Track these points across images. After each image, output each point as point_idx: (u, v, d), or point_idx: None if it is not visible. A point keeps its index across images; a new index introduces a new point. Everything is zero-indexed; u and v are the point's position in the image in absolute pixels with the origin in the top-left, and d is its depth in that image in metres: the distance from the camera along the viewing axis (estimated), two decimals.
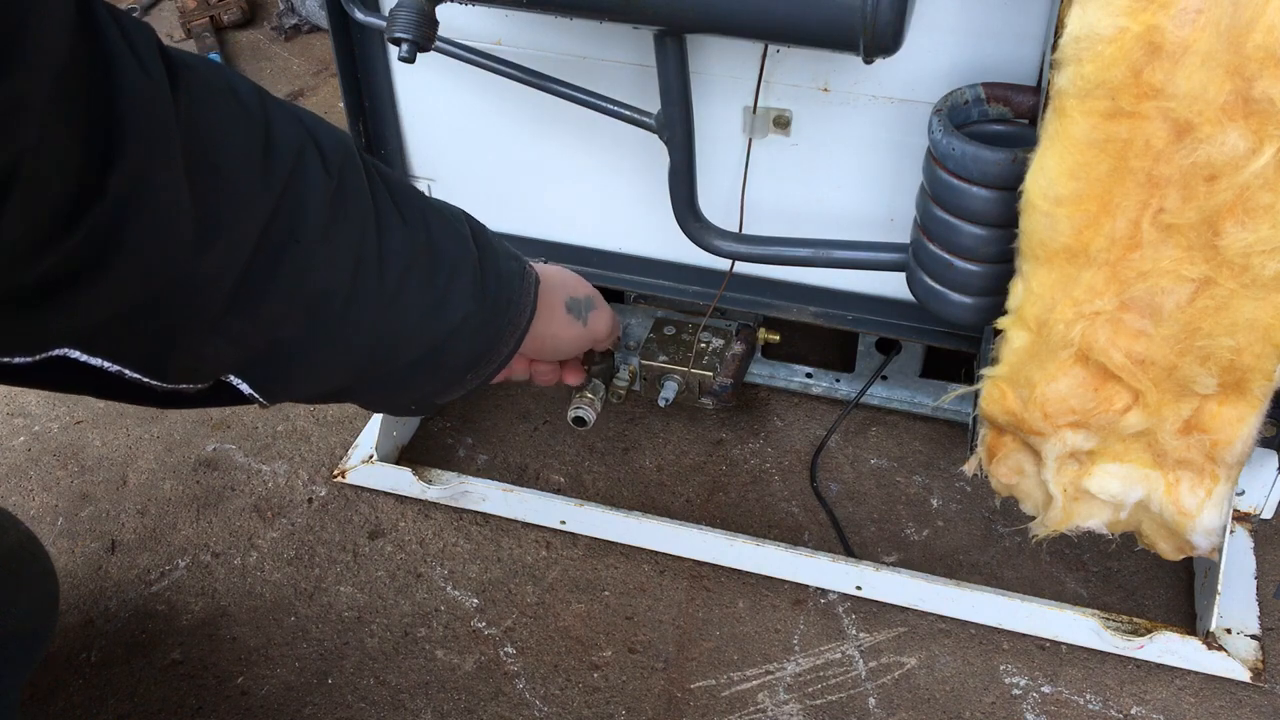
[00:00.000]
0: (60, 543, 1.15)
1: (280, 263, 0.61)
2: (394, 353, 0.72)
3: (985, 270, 0.84)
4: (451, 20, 0.96)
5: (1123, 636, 1.01)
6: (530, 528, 1.15)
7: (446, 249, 0.73)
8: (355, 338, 0.68)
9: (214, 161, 0.57)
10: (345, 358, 0.69)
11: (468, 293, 0.74)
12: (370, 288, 0.67)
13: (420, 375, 0.75)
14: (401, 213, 0.70)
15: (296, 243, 0.62)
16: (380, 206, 0.68)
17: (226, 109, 0.59)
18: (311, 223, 0.62)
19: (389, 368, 0.73)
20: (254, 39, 2.05)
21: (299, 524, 1.16)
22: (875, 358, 1.25)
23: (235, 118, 0.59)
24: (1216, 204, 0.69)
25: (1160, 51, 0.65)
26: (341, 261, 0.65)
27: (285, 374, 0.67)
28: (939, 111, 0.83)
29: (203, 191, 0.56)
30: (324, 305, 0.65)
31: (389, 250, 0.68)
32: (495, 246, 0.78)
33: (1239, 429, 0.80)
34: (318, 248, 0.63)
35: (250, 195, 0.59)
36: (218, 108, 0.58)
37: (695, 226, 0.97)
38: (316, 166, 0.63)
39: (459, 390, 0.79)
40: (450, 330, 0.74)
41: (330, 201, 0.64)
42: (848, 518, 1.16)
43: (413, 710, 1.00)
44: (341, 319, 0.66)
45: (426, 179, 1.13)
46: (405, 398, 0.79)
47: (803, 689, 1.01)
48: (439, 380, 0.77)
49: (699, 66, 0.94)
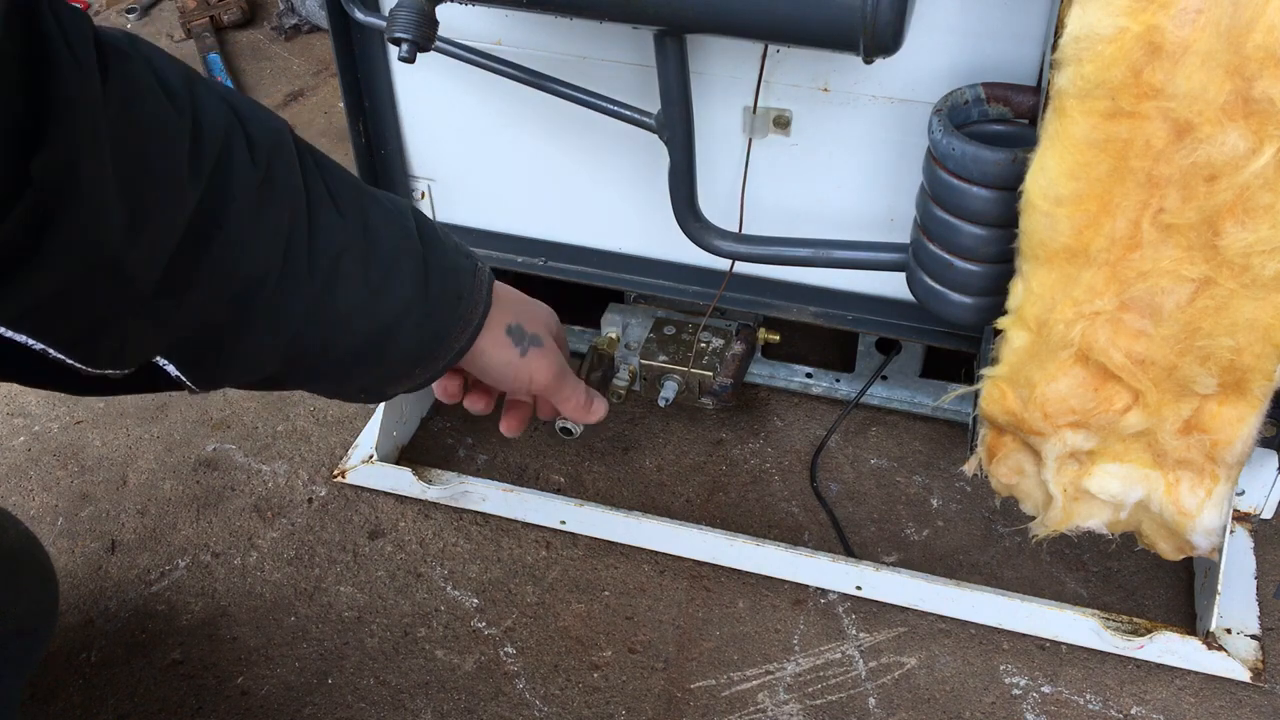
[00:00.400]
0: (60, 543, 1.15)
1: (206, 250, 0.62)
2: (331, 340, 0.72)
3: (985, 270, 0.84)
4: (451, 20, 0.96)
5: (1123, 636, 1.01)
6: (530, 528, 1.15)
7: (385, 239, 0.73)
8: (287, 324, 0.69)
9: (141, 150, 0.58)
10: (276, 342, 0.69)
11: (410, 284, 0.74)
12: (300, 275, 0.68)
13: (364, 364, 0.75)
14: (336, 202, 0.70)
15: (221, 229, 0.63)
16: (313, 195, 0.69)
17: (154, 99, 0.60)
18: (237, 211, 0.63)
19: (329, 356, 0.73)
20: (254, 39, 2.05)
21: (299, 524, 1.16)
22: (875, 358, 1.25)
23: (163, 107, 0.60)
24: (1216, 204, 0.69)
25: (1160, 51, 0.65)
26: (269, 248, 0.66)
27: (215, 358, 0.68)
28: (939, 111, 0.83)
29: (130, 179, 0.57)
30: (252, 291, 0.66)
31: (321, 239, 0.69)
32: (444, 241, 0.78)
33: (1239, 429, 0.80)
34: (244, 235, 0.64)
35: (177, 184, 0.60)
36: (146, 97, 0.59)
37: (695, 226, 0.97)
38: (244, 155, 0.64)
39: (409, 383, 0.79)
40: (391, 320, 0.74)
41: (258, 189, 0.64)
42: (848, 518, 1.16)
43: (413, 710, 1.00)
44: (271, 305, 0.67)
45: (426, 179, 1.13)
46: (352, 386, 0.79)
47: (803, 689, 1.01)
48: (385, 370, 0.77)
49: (699, 66, 0.94)
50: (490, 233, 1.15)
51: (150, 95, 0.59)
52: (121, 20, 2.10)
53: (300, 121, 1.82)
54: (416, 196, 1.15)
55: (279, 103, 1.87)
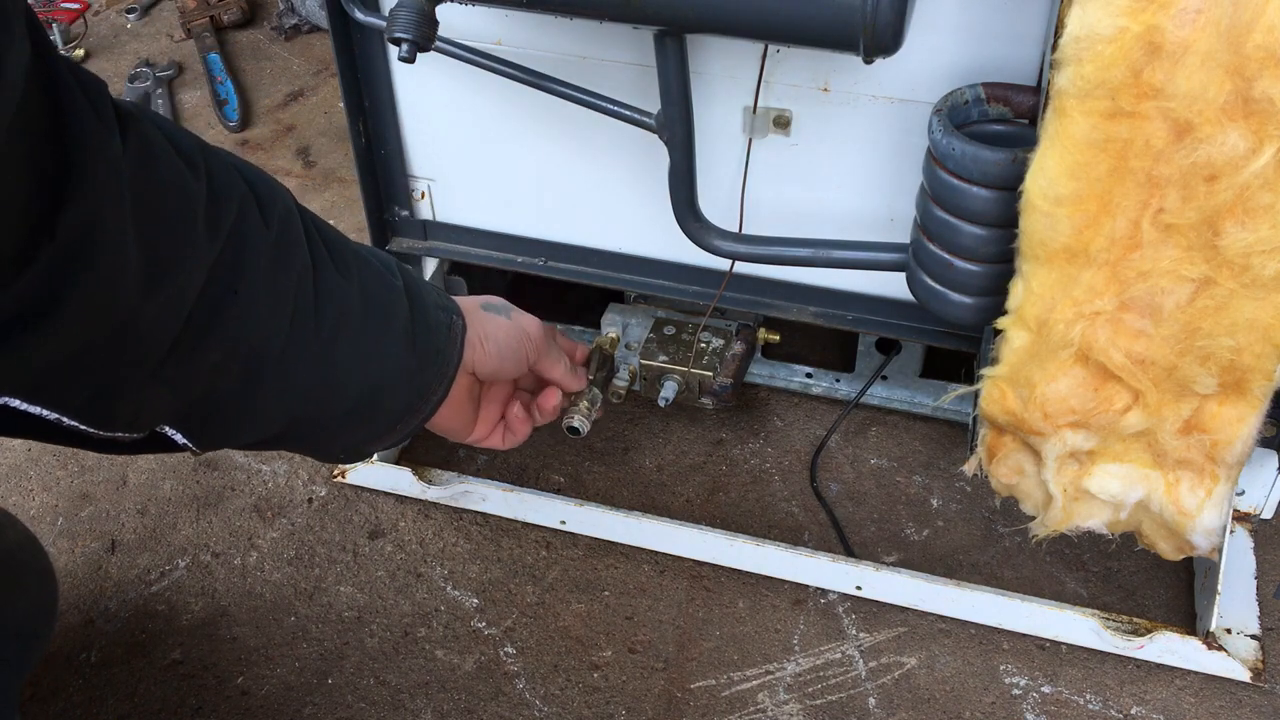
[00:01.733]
0: (60, 543, 1.15)
1: (220, 313, 0.62)
2: (327, 403, 0.73)
3: (985, 270, 0.84)
4: (451, 20, 0.96)
5: (1123, 636, 1.01)
6: (530, 528, 1.15)
7: (379, 300, 0.74)
8: (290, 389, 0.69)
9: (160, 210, 0.58)
10: (279, 407, 0.70)
11: (400, 343, 0.75)
12: (307, 339, 0.68)
13: (353, 424, 0.76)
14: (336, 264, 0.71)
15: (235, 293, 0.63)
16: (317, 258, 0.69)
17: (171, 161, 0.60)
18: (251, 274, 0.64)
19: (323, 418, 0.74)
20: (254, 39, 2.05)
21: (299, 524, 1.16)
22: (875, 358, 1.25)
23: (180, 170, 0.60)
24: (1216, 204, 0.69)
25: (1160, 51, 0.65)
26: (279, 312, 0.66)
27: (219, 423, 0.68)
28: (939, 111, 0.83)
29: (149, 239, 0.56)
30: (261, 355, 0.66)
31: (325, 302, 0.69)
32: (425, 296, 0.80)
33: (1239, 429, 0.80)
34: (257, 299, 0.64)
35: (195, 244, 0.60)
36: (163, 159, 0.59)
37: (695, 226, 0.97)
38: (256, 218, 0.64)
39: (390, 439, 0.81)
40: (382, 380, 0.75)
41: (270, 253, 0.65)
42: (848, 518, 1.16)
43: (413, 710, 1.00)
44: (277, 370, 0.67)
45: (426, 179, 1.13)
46: (336, 446, 0.80)
47: (803, 689, 1.01)
48: (372, 428, 0.78)
49: (699, 66, 0.94)
50: (490, 233, 1.15)
51: (166, 155, 0.59)
52: (121, 20, 2.10)
53: (300, 121, 1.82)
54: (416, 197, 1.15)
55: (279, 103, 1.87)
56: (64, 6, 2.06)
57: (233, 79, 1.89)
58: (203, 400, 0.65)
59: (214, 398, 0.66)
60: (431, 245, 1.18)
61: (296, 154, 1.75)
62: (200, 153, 0.62)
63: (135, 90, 1.86)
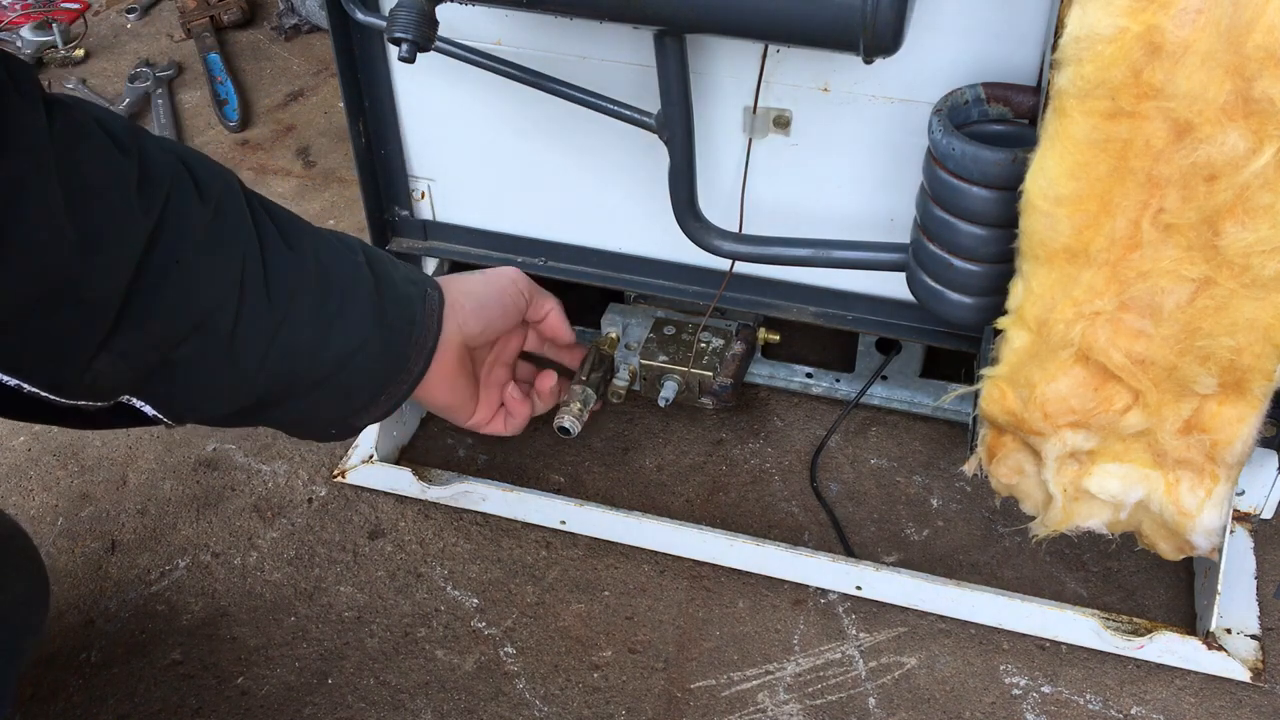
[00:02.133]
0: (60, 543, 1.15)
1: (162, 284, 0.66)
2: (293, 374, 0.76)
3: (985, 270, 0.84)
4: (451, 20, 0.96)
5: (1123, 636, 1.01)
6: (530, 528, 1.15)
7: (337, 275, 0.78)
8: (249, 358, 0.73)
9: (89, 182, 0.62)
10: (242, 377, 0.73)
11: (365, 316, 0.78)
12: (259, 309, 0.72)
13: (330, 398, 0.79)
14: (287, 241, 0.75)
15: (176, 264, 0.67)
16: (264, 234, 0.73)
17: (99, 141, 0.64)
18: (191, 246, 0.68)
19: (294, 389, 0.77)
20: (254, 39, 2.05)
21: (299, 524, 1.16)
22: (875, 358, 1.25)
23: (108, 149, 0.65)
24: (1216, 204, 0.69)
25: (1160, 51, 0.65)
26: (225, 282, 0.70)
27: (185, 395, 0.72)
28: (939, 111, 0.83)
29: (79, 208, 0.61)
30: (212, 324, 0.70)
31: (275, 274, 0.73)
32: (393, 273, 0.83)
33: (1239, 429, 0.80)
34: (200, 269, 0.68)
35: (127, 216, 0.64)
36: (91, 139, 0.64)
37: (695, 226, 0.97)
38: (191, 195, 0.69)
39: (376, 412, 0.84)
40: (350, 353, 0.78)
41: (209, 226, 0.69)
42: (848, 518, 1.16)
43: (413, 710, 1.00)
44: (232, 338, 0.71)
45: (426, 179, 1.13)
46: (320, 421, 0.83)
47: (803, 689, 1.01)
48: (351, 401, 0.82)
49: (699, 66, 0.94)
50: (490, 233, 1.15)
51: (95, 137, 0.64)
52: (121, 20, 2.10)
53: (300, 121, 1.82)
54: (416, 197, 1.15)
55: (279, 103, 1.87)
56: (64, 6, 2.06)
57: (233, 79, 1.89)
58: (161, 371, 0.69)
59: (172, 369, 0.69)
60: (431, 245, 1.18)
61: (296, 154, 1.75)
62: (132, 135, 0.67)
63: (135, 90, 1.86)
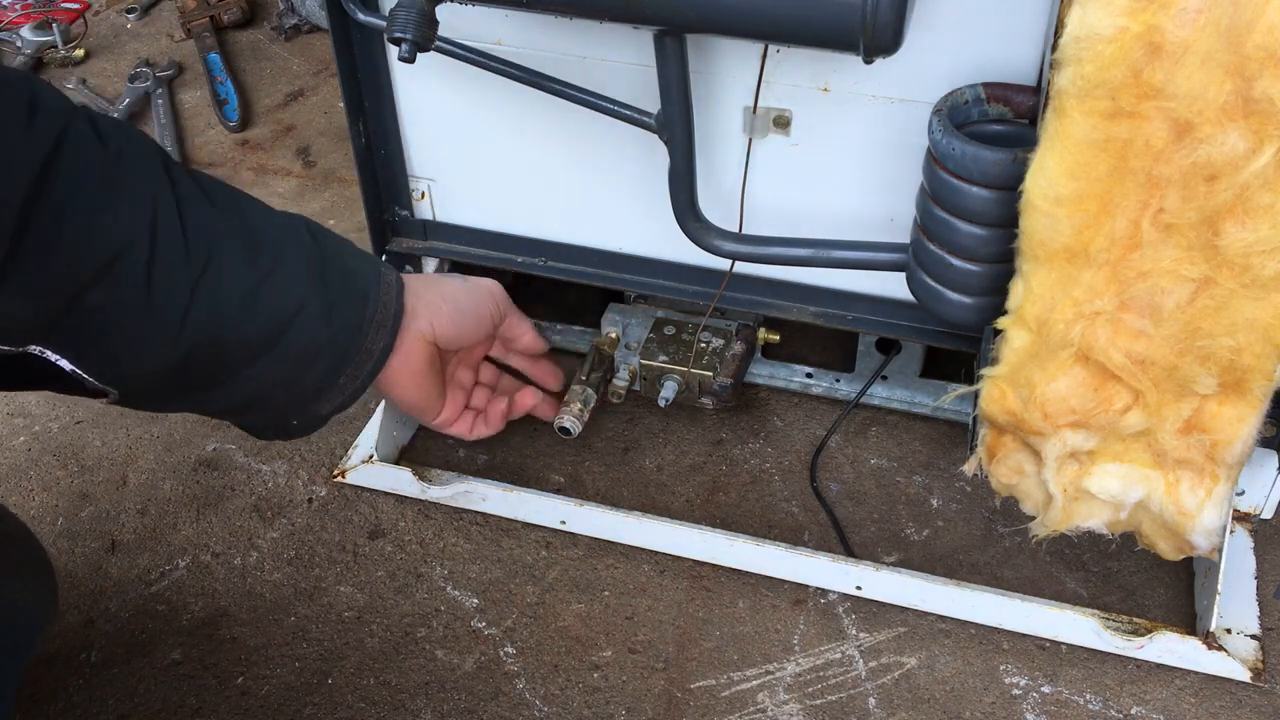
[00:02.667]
0: (60, 543, 1.15)
1: (63, 215, 0.65)
2: (222, 332, 0.73)
3: (985, 270, 0.84)
4: (451, 20, 0.96)
5: (1123, 636, 1.01)
6: (530, 528, 1.15)
7: (267, 233, 0.76)
8: (171, 309, 0.70)
9: None
10: (164, 328, 0.71)
11: (301, 278, 0.76)
12: (175, 256, 0.70)
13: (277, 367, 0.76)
14: (210, 197, 0.73)
15: (76, 198, 0.66)
16: (179, 184, 0.72)
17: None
18: (93, 181, 0.67)
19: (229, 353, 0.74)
20: (254, 39, 2.05)
21: (299, 524, 1.16)
22: (875, 358, 1.25)
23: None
24: (1216, 204, 0.69)
25: (1160, 51, 0.65)
26: (133, 222, 0.68)
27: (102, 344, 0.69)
28: (939, 111, 0.83)
29: None
30: (123, 268, 0.68)
31: (193, 222, 0.71)
32: (342, 245, 0.81)
33: (1239, 429, 0.80)
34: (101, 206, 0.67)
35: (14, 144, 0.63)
36: None
37: (695, 226, 0.97)
38: (88, 133, 0.68)
39: (336, 397, 0.80)
40: (287, 316, 0.75)
41: (110, 167, 0.68)
42: (848, 518, 1.16)
43: (413, 710, 1.00)
44: (149, 285, 0.69)
45: (426, 179, 1.13)
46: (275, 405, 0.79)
47: (803, 689, 1.01)
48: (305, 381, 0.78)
49: (699, 66, 0.94)
50: (490, 233, 1.15)
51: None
52: (121, 20, 2.10)
53: (300, 121, 1.82)
54: (416, 197, 1.15)
55: (279, 103, 1.87)
56: (64, 6, 2.06)
57: (233, 79, 1.89)
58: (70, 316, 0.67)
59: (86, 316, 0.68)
60: (431, 245, 1.18)
61: (296, 154, 1.75)
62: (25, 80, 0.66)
63: (135, 90, 1.86)
